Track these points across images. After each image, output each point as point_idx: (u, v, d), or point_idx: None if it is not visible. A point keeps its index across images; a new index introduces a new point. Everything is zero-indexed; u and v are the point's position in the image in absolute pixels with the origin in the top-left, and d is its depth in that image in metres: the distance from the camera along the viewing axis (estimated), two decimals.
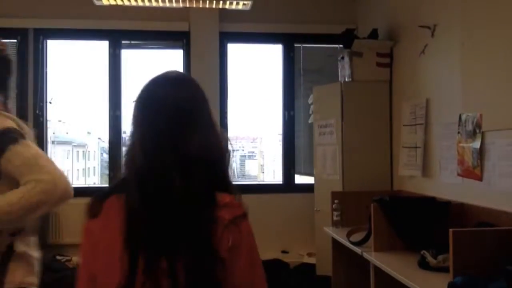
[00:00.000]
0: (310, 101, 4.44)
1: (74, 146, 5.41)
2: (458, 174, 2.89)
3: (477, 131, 2.68)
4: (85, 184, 5.24)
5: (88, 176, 5.46)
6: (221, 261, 1.05)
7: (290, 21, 4.94)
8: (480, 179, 2.66)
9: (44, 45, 4.79)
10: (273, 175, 5.39)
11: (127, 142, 1.21)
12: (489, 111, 2.61)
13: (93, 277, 1.12)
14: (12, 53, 4.70)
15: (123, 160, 1.20)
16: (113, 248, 1.08)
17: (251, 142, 5.72)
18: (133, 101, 1.20)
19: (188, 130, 1.14)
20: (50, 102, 4.81)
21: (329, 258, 3.52)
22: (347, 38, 4.11)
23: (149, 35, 4.90)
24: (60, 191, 1.57)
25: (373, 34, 4.09)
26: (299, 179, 5.06)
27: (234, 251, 1.08)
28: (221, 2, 4.56)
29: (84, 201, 1.18)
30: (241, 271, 1.09)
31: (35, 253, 1.74)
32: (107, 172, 4.83)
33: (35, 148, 1.65)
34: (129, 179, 1.13)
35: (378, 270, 2.54)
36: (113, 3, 4.52)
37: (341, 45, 4.38)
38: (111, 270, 1.07)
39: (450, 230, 2.01)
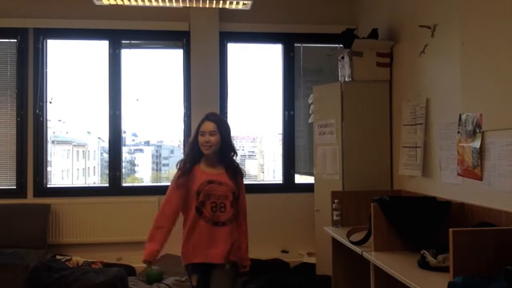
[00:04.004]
0: (310, 101, 4.44)
1: (74, 145, 5.40)
2: (458, 174, 2.89)
3: (477, 131, 2.68)
4: (85, 184, 5.23)
5: (88, 175, 5.45)
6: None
7: (290, 21, 4.95)
8: (480, 179, 2.66)
9: (44, 45, 4.80)
10: (273, 175, 5.39)
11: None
12: (489, 111, 2.61)
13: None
14: (12, 53, 4.71)
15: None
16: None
17: (251, 142, 5.72)
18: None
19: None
20: (50, 102, 4.81)
21: (329, 258, 3.52)
22: (347, 38, 4.11)
23: (149, 35, 4.91)
24: None
25: (373, 34, 4.09)
26: (299, 179, 5.06)
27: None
28: (221, 2, 4.56)
29: (84, 200, 1.18)
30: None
31: None
32: (107, 171, 4.83)
33: None
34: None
35: (378, 270, 2.54)
36: (113, 3, 4.52)
37: (341, 45, 4.38)
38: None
39: (450, 230, 2.01)
